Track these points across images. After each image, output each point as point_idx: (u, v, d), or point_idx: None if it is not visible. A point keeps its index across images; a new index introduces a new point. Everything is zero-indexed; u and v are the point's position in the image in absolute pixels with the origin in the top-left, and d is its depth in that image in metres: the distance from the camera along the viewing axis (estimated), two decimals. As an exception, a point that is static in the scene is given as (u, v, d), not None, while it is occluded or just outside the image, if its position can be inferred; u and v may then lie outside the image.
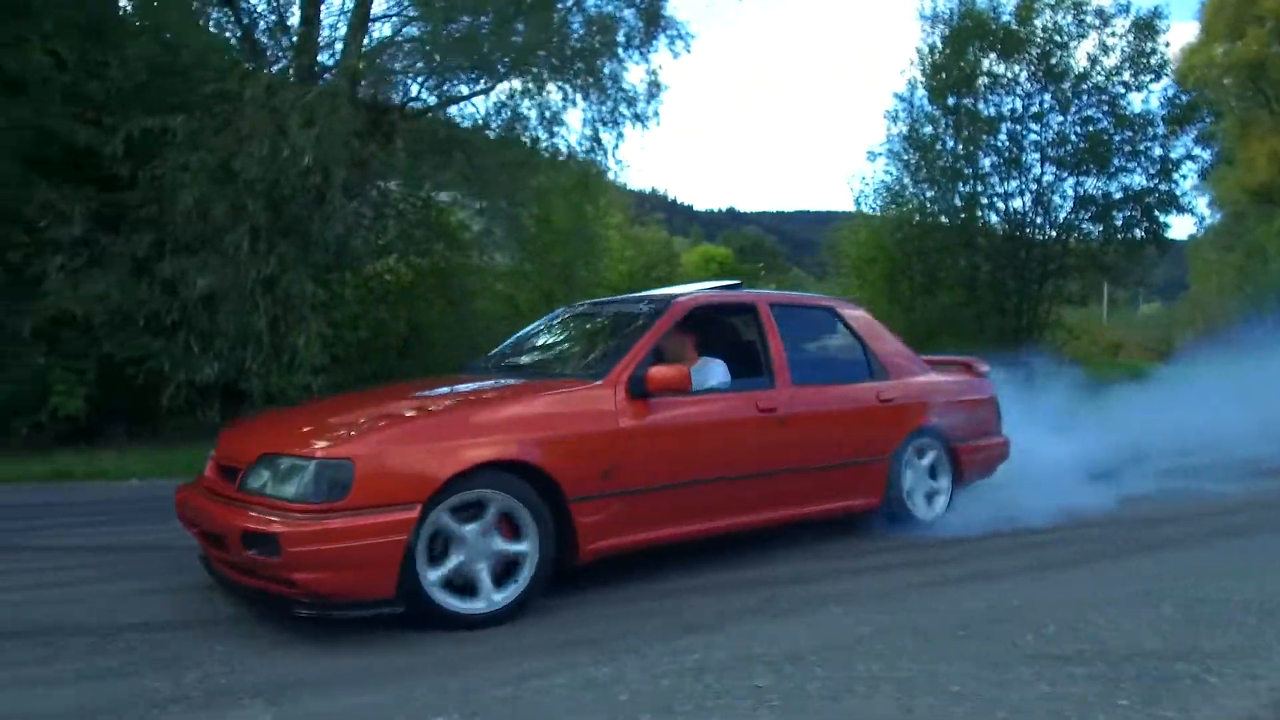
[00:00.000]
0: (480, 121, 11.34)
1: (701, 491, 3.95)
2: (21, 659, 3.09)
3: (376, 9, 11.86)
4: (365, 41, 11.61)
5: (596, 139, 12.38)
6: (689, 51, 13.16)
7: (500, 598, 3.33)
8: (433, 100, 12.01)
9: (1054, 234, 15.12)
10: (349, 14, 11.68)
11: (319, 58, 11.44)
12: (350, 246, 9.05)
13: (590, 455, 3.60)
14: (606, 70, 12.17)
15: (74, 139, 7.96)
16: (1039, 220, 14.93)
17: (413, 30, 11.73)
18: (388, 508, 3.11)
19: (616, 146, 13.26)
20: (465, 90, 12.05)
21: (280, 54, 11.45)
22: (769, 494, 4.20)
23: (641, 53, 12.68)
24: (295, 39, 11.39)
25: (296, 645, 3.19)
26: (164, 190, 7.80)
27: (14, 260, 7.67)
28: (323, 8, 11.52)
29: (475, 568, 3.30)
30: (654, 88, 13.10)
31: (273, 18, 11.50)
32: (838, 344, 4.92)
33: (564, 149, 11.86)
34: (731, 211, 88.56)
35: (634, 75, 12.90)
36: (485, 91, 11.93)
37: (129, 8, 9.49)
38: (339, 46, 11.57)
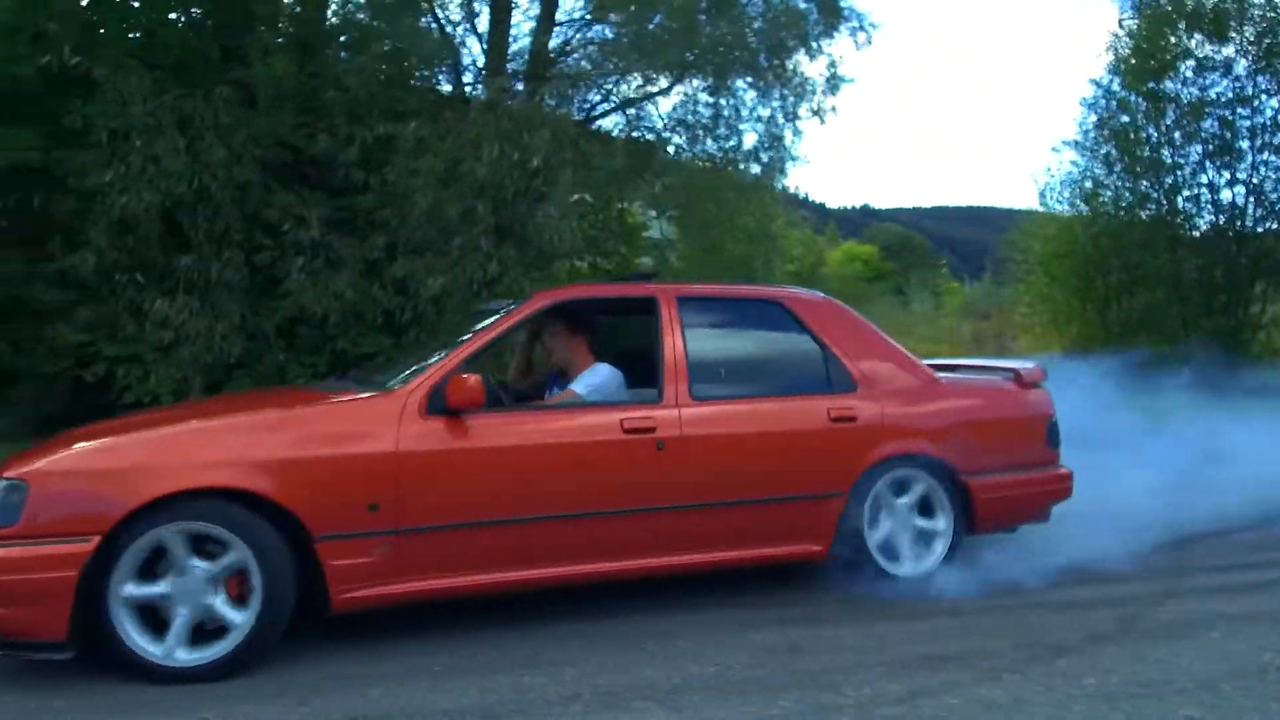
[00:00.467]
0: (673, 121, 11.32)
1: (528, 532, 3.22)
2: (420, 652, 3.18)
3: (561, 14, 12.08)
4: (550, 44, 11.83)
5: (778, 136, 12.20)
6: (870, 44, 12.81)
7: (187, 657, 2.80)
8: (613, 102, 12.12)
9: (1273, 226, 13.94)
10: (536, 17, 11.95)
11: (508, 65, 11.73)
12: (555, 247, 9.20)
13: (349, 484, 2.98)
14: (789, 64, 11.97)
15: (311, 147, 8.36)
16: (1255, 213, 13.80)
17: (597, 31, 11.88)
18: (60, 538, 2.69)
19: (796, 143, 13.05)
20: (640, 92, 12.12)
21: (472, 58, 11.81)
22: (642, 537, 3.39)
23: (819, 45, 12.42)
24: (486, 45, 11.73)
25: (678, 643, 3.18)
26: (395, 194, 8.08)
27: (260, 263, 8.12)
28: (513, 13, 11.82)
29: (175, 609, 2.80)
30: (833, 81, 12.81)
31: (465, 26, 11.87)
32: (786, 347, 3.89)
33: (749, 146, 11.72)
34: (865, 209, 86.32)
35: (811, 68, 12.59)
36: (665, 92, 11.93)
37: (351, 19, 9.89)
38: (518, 53, 11.85)
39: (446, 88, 10.90)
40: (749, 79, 11.37)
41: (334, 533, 2.95)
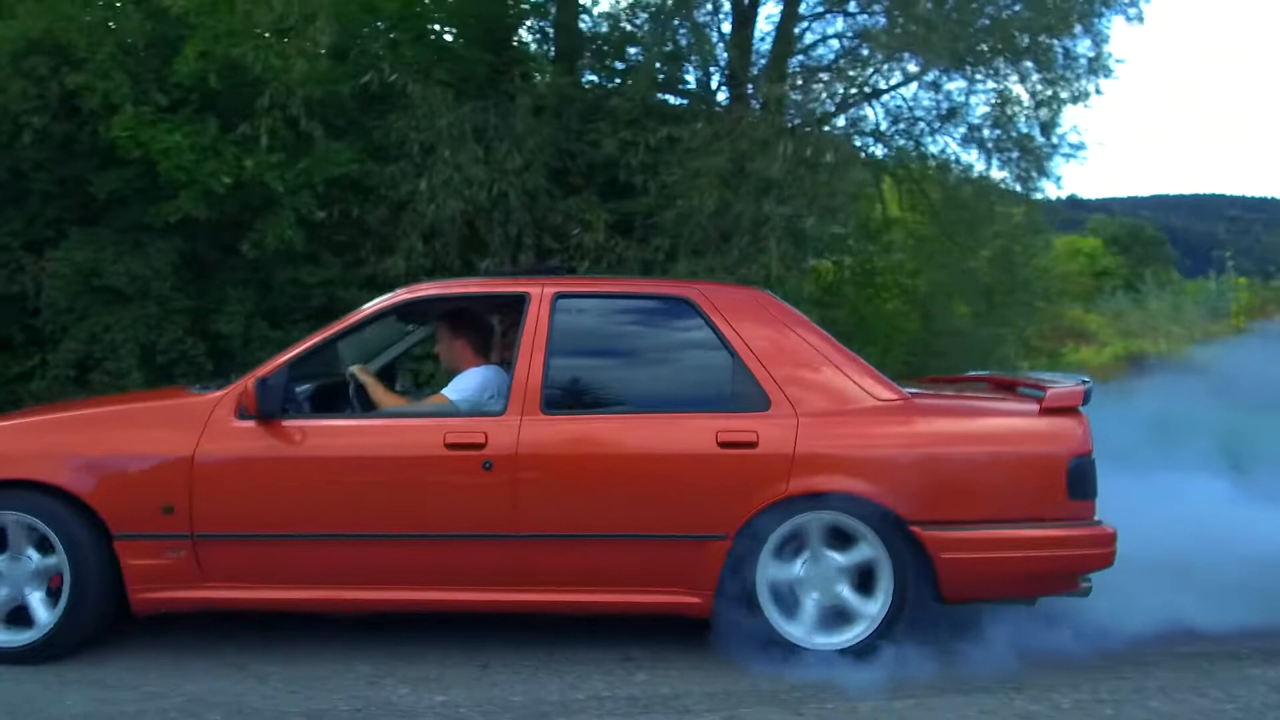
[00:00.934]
0: (932, 112, 10.86)
1: (336, 550, 3.06)
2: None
3: (804, 7, 11.84)
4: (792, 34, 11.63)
5: (1044, 125, 11.44)
6: (1141, 20, 11.80)
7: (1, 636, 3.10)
8: (864, 92, 11.77)
9: None
10: (780, 13, 11.78)
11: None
12: (825, 245, 9.03)
13: (144, 485, 3.05)
14: (1059, 46, 11.21)
15: (591, 153, 8.60)
16: None
17: (847, 21, 11.56)
18: None
19: (1058, 130, 12.22)
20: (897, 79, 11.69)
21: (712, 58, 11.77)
22: (471, 567, 3.08)
23: (1095, 24, 11.55)
24: (729, 43, 11.68)
25: (1157, 674, 2.97)
26: (674, 196, 8.16)
27: (550, 266, 8.42)
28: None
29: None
30: (1100, 63, 11.88)
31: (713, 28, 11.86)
32: (687, 353, 3.33)
33: (1016, 135, 11.05)
34: (1072, 199, 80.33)
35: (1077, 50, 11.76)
36: (926, 81, 11.44)
37: (613, 27, 10.10)
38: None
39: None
40: (1016, 63, 10.73)
41: (131, 532, 3.05)
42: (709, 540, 3.03)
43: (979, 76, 10.67)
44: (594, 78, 9.78)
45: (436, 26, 9.80)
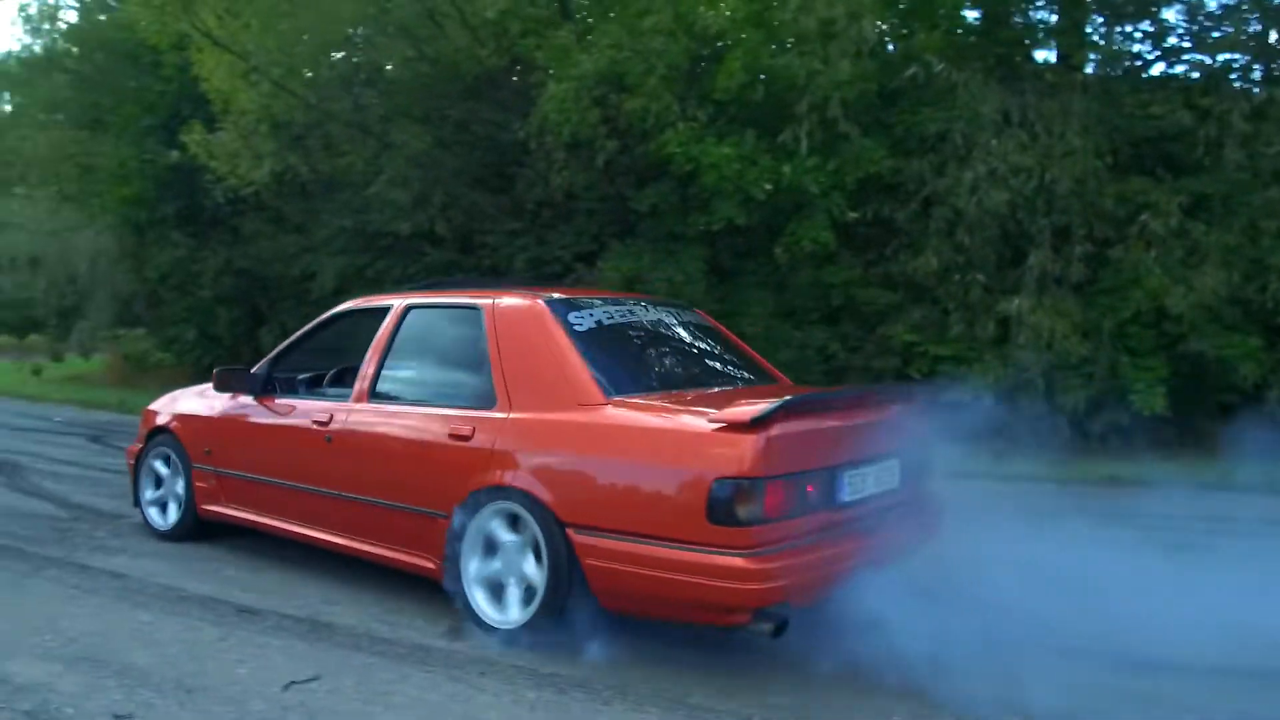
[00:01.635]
0: None
1: (276, 492, 4.14)
2: None
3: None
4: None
5: None
6: None
7: (162, 520, 4.73)
8: None
9: None
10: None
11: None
12: None
13: (197, 433, 4.53)
14: None
15: (1145, 127, 7.58)
16: None
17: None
18: (136, 440, 4.99)
19: None
20: None
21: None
22: (333, 516, 3.93)
23: None
24: None
25: None
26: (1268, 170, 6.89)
27: (1112, 257, 7.57)
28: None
29: (167, 493, 4.74)
30: None
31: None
32: (468, 356, 3.69)
33: None
34: None
35: None
36: None
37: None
38: None
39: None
40: None
41: (197, 464, 4.49)
42: (437, 517, 3.50)
43: None
44: (1142, 47, 8.60)
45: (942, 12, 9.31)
